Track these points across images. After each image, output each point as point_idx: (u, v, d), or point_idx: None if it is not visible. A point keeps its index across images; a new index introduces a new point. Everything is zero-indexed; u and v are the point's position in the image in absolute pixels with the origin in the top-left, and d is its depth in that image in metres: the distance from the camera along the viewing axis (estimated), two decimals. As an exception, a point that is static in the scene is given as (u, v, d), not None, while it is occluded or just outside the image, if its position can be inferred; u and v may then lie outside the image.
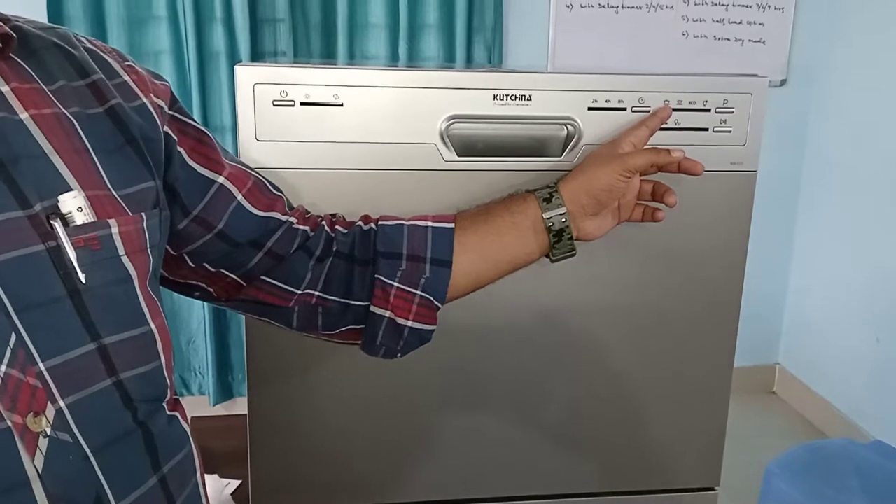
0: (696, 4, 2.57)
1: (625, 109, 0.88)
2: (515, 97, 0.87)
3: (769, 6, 2.60)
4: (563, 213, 0.80)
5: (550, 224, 0.80)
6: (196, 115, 2.28)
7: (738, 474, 1.42)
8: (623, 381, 0.99)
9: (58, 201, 0.54)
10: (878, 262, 2.48)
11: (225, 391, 2.62)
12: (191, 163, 0.69)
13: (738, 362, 1.00)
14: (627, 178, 0.80)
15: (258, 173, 0.76)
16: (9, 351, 0.50)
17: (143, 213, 0.60)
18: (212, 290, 0.76)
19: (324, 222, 0.79)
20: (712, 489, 1.04)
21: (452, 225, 0.79)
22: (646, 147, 0.84)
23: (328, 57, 2.43)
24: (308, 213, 0.80)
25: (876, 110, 2.48)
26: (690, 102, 0.89)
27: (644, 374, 0.99)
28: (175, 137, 0.67)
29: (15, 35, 0.57)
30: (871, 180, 2.50)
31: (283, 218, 0.75)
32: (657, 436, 1.01)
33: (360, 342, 0.80)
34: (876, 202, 2.48)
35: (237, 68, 0.84)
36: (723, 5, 2.58)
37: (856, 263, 2.59)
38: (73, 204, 0.54)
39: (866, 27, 2.53)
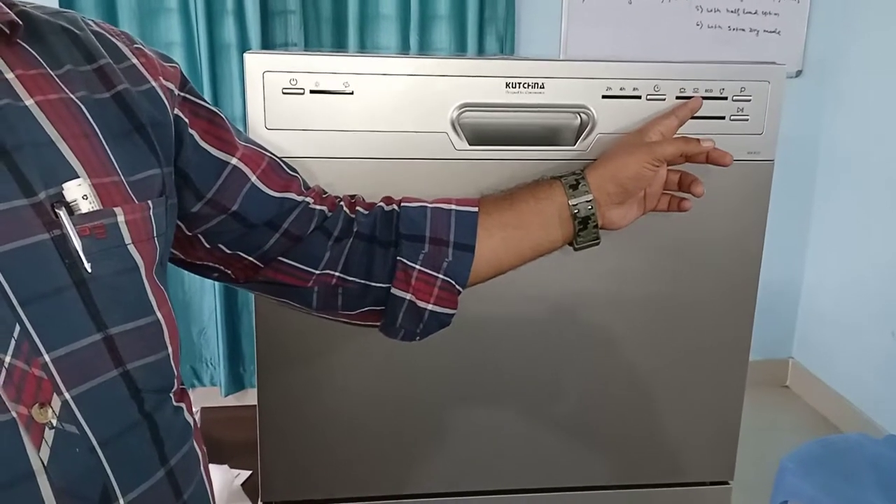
0: (710, -6, 2.54)
1: (639, 97, 0.87)
2: (528, 85, 0.85)
3: (785, -5, 2.57)
4: (590, 201, 0.79)
5: (576, 211, 0.79)
6: (207, 106, 2.28)
7: (752, 468, 1.40)
8: (637, 373, 0.98)
9: (63, 189, 0.53)
10: (893, 256, 2.45)
11: (236, 382, 2.63)
12: (203, 145, 0.68)
13: (752, 356, 0.99)
14: (656, 168, 0.80)
15: (273, 153, 0.75)
16: (13, 342, 0.50)
17: (149, 201, 0.59)
18: (229, 271, 0.76)
19: (342, 203, 0.78)
20: (726, 483, 1.03)
21: (476, 209, 0.78)
22: (675, 136, 0.83)
23: (339, 48, 2.43)
24: (325, 193, 0.79)
25: (892, 101, 2.45)
26: (707, 90, 0.87)
27: (658, 367, 0.98)
28: (186, 120, 0.66)
29: (21, 22, 0.56)
30: (887, 173, 2.47)
31: (299, 198, 0.75)
32: (671, 429, 1.00)
33: (379, 324, 0.79)
34: (891, 196, 2.46)
35: (247, 56, 0.83)
36: (737, -5, 2.55)
37: (870, 257, 2.56)
38: (79, 192, 0.54)
39: (883, 18, 2.49)
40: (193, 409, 0.66)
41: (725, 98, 0.88)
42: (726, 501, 1.04)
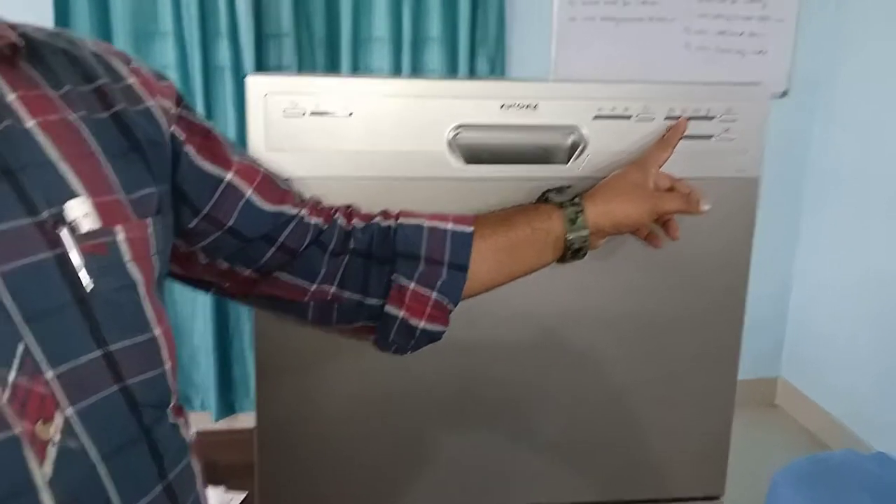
0: (697, 16, 2.58)
1: (630, 118, 0.89)
2: (522, 106, 0.87)
3: (770, 17, 2.61)
4: (585, 236, 0.82)
5: (571, 244, 0.82)
6: (201, 128, 2.29)
7: (742, 486, 1.41)
8: (627, 390, 0.99)
9: (64, 208, 0.54)
10: (881, 274, 2.48)
11: (227, 407, 2.61)
12: (198, 161, 0.69)
13: (740, 375, 1.00)
14: (655, 218, 0.85)
15: (267, 168, 0.76)
16: (17, 360, 0.50)
17: (148, 219, 0.60)
18: (227, 285, 0.77)
19: (338, 214, 0.79)
20: (717, 498, 1.04)
21: (471, 229, 0.80)
22: (679, 193, 0.87)
23: (332, 70, 2.45)
24: (321, 204, 0.81)
25: (877, 120, 2.50)
26: (695, 111, 0.90)
27: (648, 383, 0.99)
28: (182, 137, 0.67)
29: (23, 43, 0.57)
30: (874, 191, 2.51)
31: (294, 211, 0.75)
32: (661, 445, 1.01)
33: (372, 338, 0.81)
34: (878, 212, 2.49)
35: (248, 79, 0.85)
36: (724, 17, 2.59)
37: (858, 275, 2.59)
38: (80, 210, 0.54)
39: (866, 38, 2.54)
40: (190, 432, 0.67)
41: (712, 118, 0.91)
42: (718, 516, 1.05)
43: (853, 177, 2.61)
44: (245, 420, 2.57)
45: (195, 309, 2.52)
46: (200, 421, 2.56)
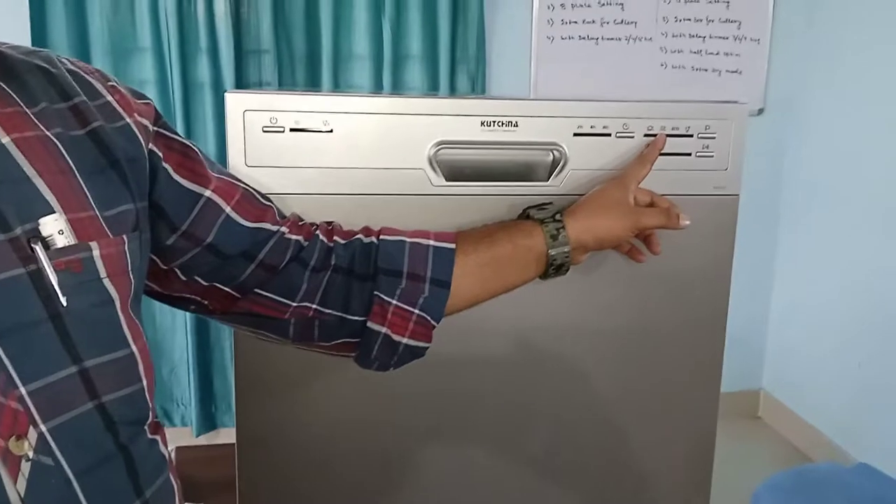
0: (673, 36, 2.62)
1: (609, 135, 0.90)
2: (502, 123, 0.88)
3: (745, 37, 2.66)
4: (567, 252, 0.83)
5: (553, 260, 0.82)
6: (180, 144, 2.28)
7: (726, 498, 1.42)
8: (609, 404, 0.99)
9: (39, 224, 0.54)
10: (859, 287, 2.51)
11: (208, 422, 2.59)
12: (177, 178, 0.69)
13: (723, 388, 1.01)
14: (636, 234, 0.87)
15: (246, 184, 0.76)
16: None
17: (124, 236, 0.60)
18: (206, 302, 0.76)
19: (318, 231, 0.79)
20: (701, 511, 1.04)
21: (453, 246, 0.80)
22: (659, 208, 0.88)
23: (313, 87, 2.45)
24: (301, 221, 0.80)
25: (852, 136, 2.54)
26: (674, 128, 0.91)
27: (630, 398, 0.99)
28: (160, 154, 0.67)
29: None
30: (850, 205, 2.55)
31: (274, 228, 0.75)
32: (645, 459, 1.01)
33: (353, 354, 0.80)
34: (855, 227, 2.53)
35: (227, 95, 0.85)
36: (700, 37, 2.63)
37: (836, 288, 2.62)
38: (55, 227, 0.54)
39: (840, 57, 2.59)
40: (168, 448, 0.66)
41: (691, 136, 0.92)
42: (702, 530, 1.05)
43: (829, 192, 2.65)
44: (226, 435, 2.54)
45: (175, 322, 2.50)
46: (181, 436, 2.54)
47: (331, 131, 0.85)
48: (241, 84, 2.38)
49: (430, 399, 0.95)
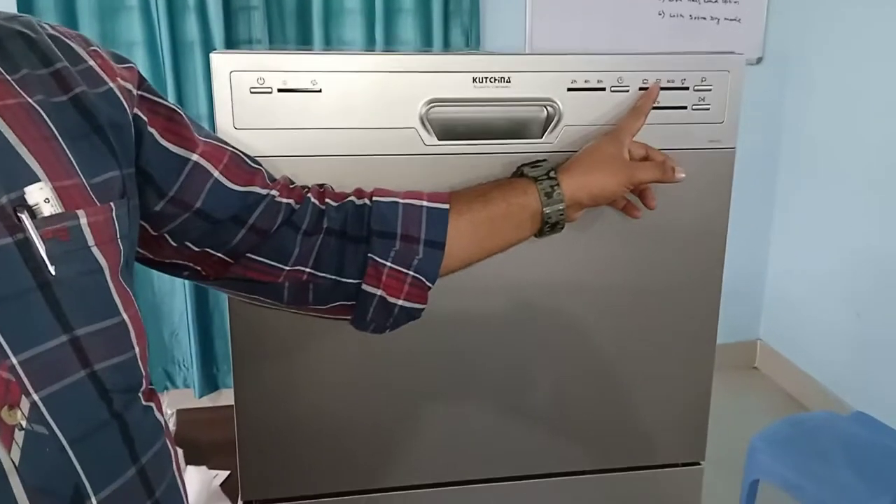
0: (671, -16, 2.57)
1: (604, 90, 0.88)
2: (495, 80, 0.86)
3: (744, -17, 2.61)
4: (562, 209, 0.82)
5: (548, 218, 0.82)
6: (172, 105, 2.26)
7: (723, 449, 1.44)
8: (607, 359, 0.99)
9: (24, 193, 0.53)
10: (856, 237, 2.51)
11: (210, 383, 2.62)
12: (163, 142, 0.68)
13: (720, 339, 1.01)
14: (631, 188, 0.86)
15: (234, 147, 0.75)
16: None
17: (111, 203, 0.59)
18: (199, 268, 0.75)
19: (310, 194, 0.78)
20: (698, 464, 1.06)
21: (447, 206, 0.79)
22: (654, 162, 0.86)
23: (304, 43, 2.42)
24: (293, 183, 0.79)
25: (852, 87, 2.51)
26: (669, 81, 0.89)
27: (628, 353, 0.99)
28: (145, 118, 0.66)
29: None
30: (849, 157, 2.53)
31: (264, 192, 0.74)
32: (642, 413, 1.02)
33: (349, 317, 0.80)
34: (854, 178, 2.51)
35: (213, 56, 0.83)
36: (698, -16, 2.59)
37: (834, 238, 2.62)
38: (41, 195, 0.53)
39: (841, 5, 2.54)
40: (168, 412, 0.67)
41: (687, 88, 0.90)
42: (698, 482, 1.06)
43: (829, 143, 2.63)
44: (228, 396, 2.55)
45: (174, 285, 2.51)
46: (184, 398, 2.56)
47: (319, 91, 0.84)
48: (231, 41, 2.34)
49: (427, 358, 0.95)
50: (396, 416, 0.97)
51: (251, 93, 0.83)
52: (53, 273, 0.53)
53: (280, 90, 0.83)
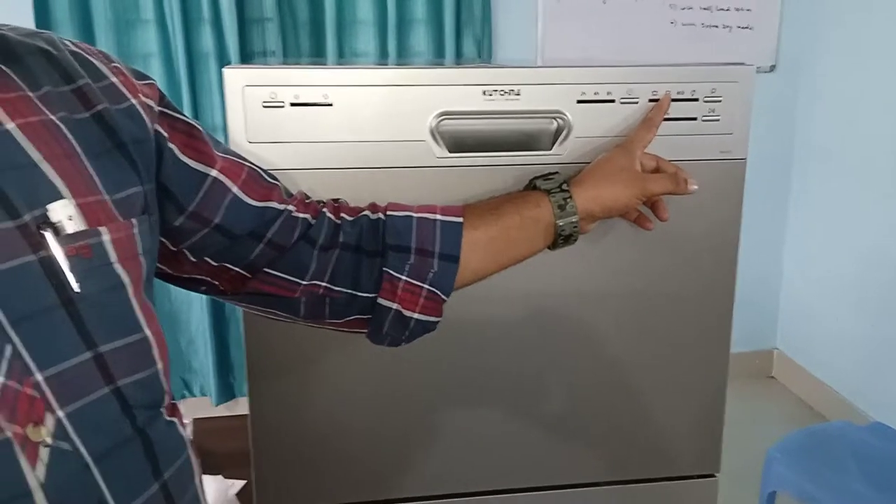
0: (683, -8, 2.57)
1: (613, 101, 0.89)
2: (504, 92, 0.87)
3: (756, -8, 2.60)
4: (575, 222, 0.82)
5: (562, 230, 0.82)
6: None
7: (739, 460, 1.43)
8: (620, 370, 0.99)
9: (47, 210, 0.53)
10: (871, 245, 2.49)
11: (227, 391, 2.63)
12: (183, 158, 0.68)
13: (737, 348, 1.01)
14: (644, 201, 0.86)
15: (252, 163, 0.76)
16: (5, 362, 0.50)
17: (133, 219, 0.59)
18: (217, 283, 0.76)
19: (325, 209, 0.79)
20: (713, 475, 1.05)
21: (461, 220, 0.79)
22: (666, 174, 0.87)
23: (317, 55, 2.43)
24: (308, 198, 0.80)
25: (865, 94, 2.49)
26: (678, 92, 0.89)
27: (641, 363, 0.99)
28: (165, 134, 0.67)
29: None
30: (862, 163, 2.51)
31: (281, 207, 0.75)
32: (656, 424, 1.02)
33: (365, 331, 0.81)
34: (867, 185, 2.49)
35: (226, 71, 0.84)
36: (710, -8, 2.58)
37: (849, 247, 2.60)
38: (64, 212, 0.54)
39: (854, 12, 2.53)
40: (185, 421, 0.67)
41: (696, 99, 0.90)
42: (713, 494, 1.05)
43: (842, 151, 2.61)
44: (245, 405, 2.57)
45: (191, 295, 2.53)
46: (201, 406, 2.58)
47: (331, 105, 0.84)
48: (245, 53, 2.36)
49: (441, 368, 0.95)
50: (410, 426, 0.97)
51: (264, 107, 0.84)
52: (77, 290, 0.53)
53: (292, 104, 0.84)
